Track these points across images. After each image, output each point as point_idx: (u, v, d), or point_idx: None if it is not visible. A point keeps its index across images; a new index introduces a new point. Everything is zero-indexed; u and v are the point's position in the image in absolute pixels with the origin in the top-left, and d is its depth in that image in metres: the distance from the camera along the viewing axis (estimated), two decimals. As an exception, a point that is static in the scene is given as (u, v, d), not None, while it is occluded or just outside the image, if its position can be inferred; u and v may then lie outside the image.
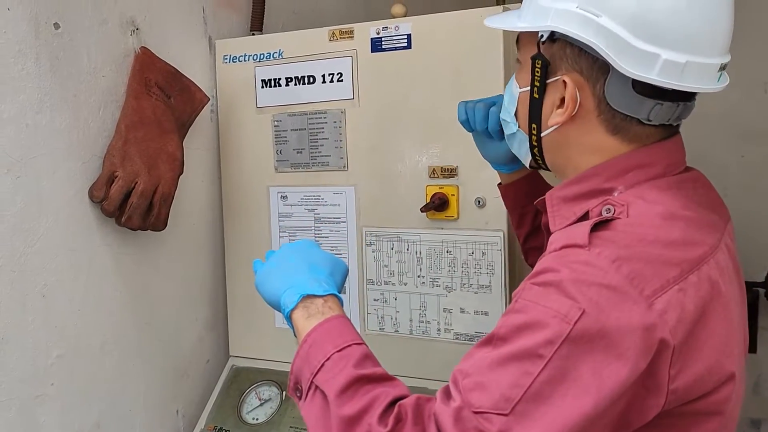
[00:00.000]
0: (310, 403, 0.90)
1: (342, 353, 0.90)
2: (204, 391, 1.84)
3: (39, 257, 1.40)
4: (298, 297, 0.99)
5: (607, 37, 0.88)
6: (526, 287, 0.85)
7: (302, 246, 1.11)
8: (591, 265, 0.82)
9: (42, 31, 1.39)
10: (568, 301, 0.79)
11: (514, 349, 0.79)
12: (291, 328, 1.01)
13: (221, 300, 1.89)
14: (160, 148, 1.57)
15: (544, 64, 0.95)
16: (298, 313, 0.98)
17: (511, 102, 1.05)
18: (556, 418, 0.76)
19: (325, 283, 1.02)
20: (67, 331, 1.46)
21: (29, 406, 1.39)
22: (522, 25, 0.97)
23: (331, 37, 1.66)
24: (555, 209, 1.00)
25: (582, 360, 0.77)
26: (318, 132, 1.70)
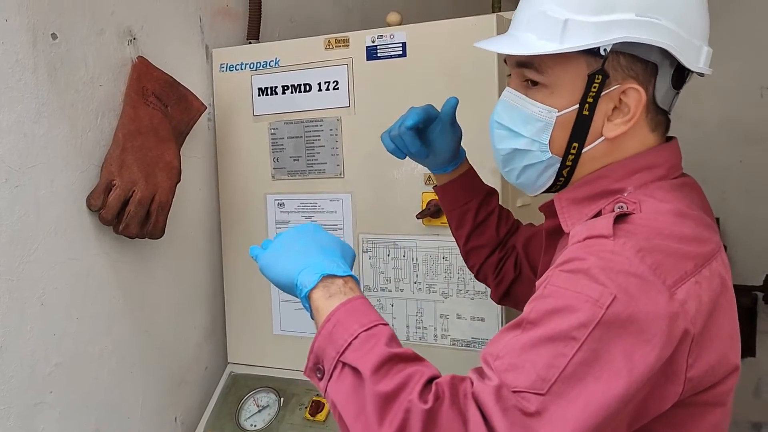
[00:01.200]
0: (337, 381, 0.87)
1: (369, 332, 0.88)
2: (202, 398, 1.84)
3: (37, 266, 1.41)
4: (318, 276, 0.96)
5: (671, 37, 0.94)
6: (553, 274, 0.87)
7: (309, 229, 1.08)
8: (617, 254, 0.84)
9: (40, 42, 1.40)
10: (598, 287, 0.81)
11: (548, 331, 0.81)
12: (307, 308, 0.98)
13: (219, 307, 1.90)
14: (158, 156, 1.58)
15: (604, 78, 0.95)
16: (318, 293, 0.95)
17: (543, 129, 0.99)
18: (590, 399, 0.78)
19: (342, 264, 1.00)
20: (65, 339, 1.47)
21: (28, 414, 1.40)
22: (578, 44, 0.94)
23: (327, 46, 1.67)
24: (565, 211, 1.02)
25: (614, 344, 0.79)
26: (314, 140, 1.71)
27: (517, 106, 1.01)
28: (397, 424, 0.78)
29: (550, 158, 1.01)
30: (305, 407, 1.68)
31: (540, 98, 0.99)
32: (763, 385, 3.11)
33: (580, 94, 0.96)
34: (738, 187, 3.13)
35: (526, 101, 1.00)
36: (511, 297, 1.39)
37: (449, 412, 0.79)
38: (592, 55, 0.94)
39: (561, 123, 0.98)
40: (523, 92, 1.01)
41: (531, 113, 1.00)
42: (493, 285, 1.40)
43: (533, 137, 1.00)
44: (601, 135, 0.98)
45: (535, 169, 1.03)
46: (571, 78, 0.96)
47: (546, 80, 0.98)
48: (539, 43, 0.96)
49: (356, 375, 0.85)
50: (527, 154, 1.02)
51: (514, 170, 1.05)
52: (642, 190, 0.96)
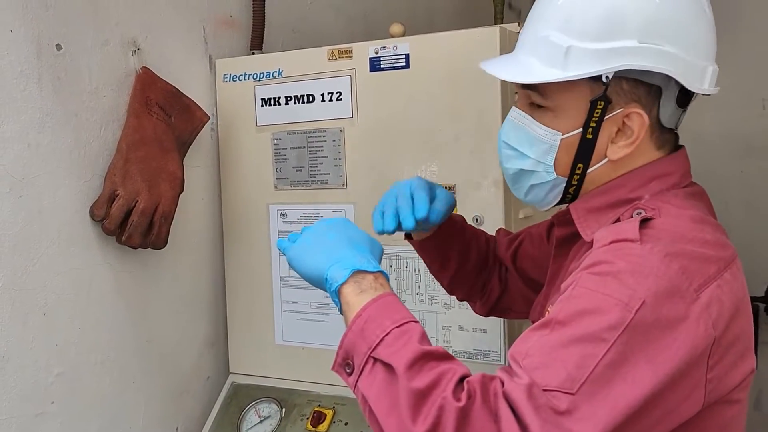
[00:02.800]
0: (369, 377, 0.87)
1: (402, 329, 0.88)
2: (204, 408, 1.84)
3: (40, 276, 1.41)
4: (349, 271, 0.96)
5: (674, 62, 0.95)
6: (581, 276, 0.88)
7: (339, 223, 1.08)
8: (644, 258, 0.86)
9: (44, 52, 1.41)
10: (628, 290, 0.83)
11: (578, 332, 0.82)
12: (337, 303, 0.97)
13: (221, 317, 1.90)
14: (161, 166, 1.59)
15: (606, 104, 0.96)
16: (349, 288, 0.95)
17: (548, 151, 1.01)
18: (618, 400, 0.79)
19: (373, 260, 1.00)
20: (67, 349, 1.47)
21: (30, 424, 1.39)
22: (580, 72, 0.95)
23: (330, 57, 1.68)
24: (582, 220, 1.03)
25: (640, 347, 0.81)
26: (317, 150, 1.71)
27: (524, 126, 1.03)
28: (431, 420, 0.79)
29: (556, 179, 1.02)
30: (307, 418, 1.68)
31: (545, 121, 1.00)
32: (764, 397, 3.10)
33: (583, 118, 0.98)
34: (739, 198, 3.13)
35: (532, 122, 1.02)
36: (498, 309, 1.39)
37: (481, 410, 0.79)
38: (595, 81, 0.96)
39: (565, 145, 1.00)
40: (528, 113, 1.02)
41: (536, 135, 1.01)
42: (479, 303, 1.40)
43: (538, 158, 1.02)
44: (605, 156, 1.00)
45: (541, 189, 1.04)
46: (575, 103, 0.98)
47: (550, 104, 1.00)
48: (542, 69, 0.98)
49: (389, 371, 0.85)
50: (533, 174, 1.04)
51: (522, 188, 1.07)
52: (658, 198, 0.98)
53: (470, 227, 1.37)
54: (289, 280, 1.77)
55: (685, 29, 0.97)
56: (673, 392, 0.83)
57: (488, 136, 1.52)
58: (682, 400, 0.85)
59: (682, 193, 1.00)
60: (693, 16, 0.98)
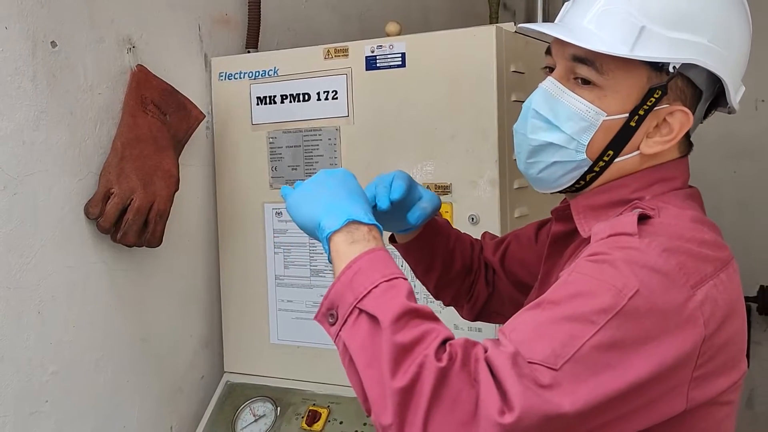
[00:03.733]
0: (353, 327, 0.86)
1: (390, 283, 0.87)
2: (198, 407, 1.84)
3: (35, 274, 1.40)
4: (343, 220, 0.94)
5: (728, 70, 0.96)
6: (578, 263, 0.88)
7: (340, 174, 1.05)
8: (642, 251, 0.86)
9: (39, 50, 1.40)
10: (623, 278, 0.82)
11: (568, 311, 0.81)
12: (327, 251, 0.95)
13: (216, 316, 1.90)
14: (156, 165, 1.58)
15: (662, 95, 0.95)
16: (341, 237, 0.93)
17: (586, 130, 0.97)
18: (601, 384, 0.79)
19: (369, 213, 0.97)
20: (62, 348, 1.47)
21: (24, 422, 1.39)
22: (652, 54, 0.93)
23: (326, 55, 1.67)
24: (581, 217, 1.02)
25: (630, 335, 0.80)
26: (313, 149, 1.71)
27: (561, 100, 0.98)
28: (409, 376, 0.78)
29: (583, 160, 0.99)
30: (302, 417, 1.68)
31: (590, 98, 0.96)
32: (756, 396, 3.12)
33: (633, 104, 0.95)
34: (732, 198, 3.14)
35: (573, 96, 0.97)
36: (485, 313, 1.37)
37: (460, 373, 0.79)
38: (656, 69, 0.94)
39: (605, 128, 0.97)
40: (568, 87, 0.98)
41: (577, 110, 0.97)
42: (466, 307, 1.37)
43: (573, 135, 0.98)
44: (637, 149, 0.98)
45: (563, 167, 1.01)
46: (629, 86, 0.95)
47: (602, 82, 0.96)
48: (612, 44, 0.94)
49: (373, 323, 0.84)
50: (560, 150, 0.99)
51: (539, 163, 1.02)
52: (659, 199, 0.97)
53: (455, 231, 1.35)
54: (284, 279, 1.77)
55: (740, 43, 0.98)
56: (656, 385, 0.83)
57: (484, 136, 1.52)
58: (663, 395, 0.84)
59: (682, 194, 1.00)
60: (747, 32, 0.99)
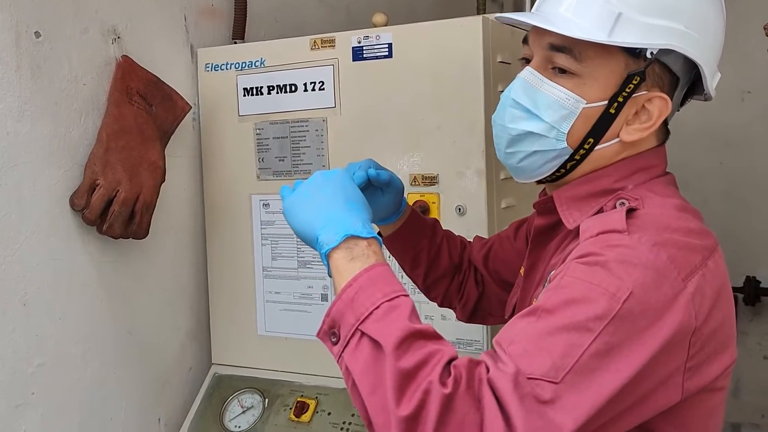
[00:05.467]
0: (355, 351, 0.85)
1: (392, 303, 0.86)
2: (186, 399, 1.83)
3: (19, 265, 1.40)
4: (341, 236, 0.92)
5: (704, 56, 0.97)
6: (570, 266, 0.87)
7: (337, 177, 1.02)
8: (632, 248, 0.86)
9: (23, 40, 1.39)
10: (616, 280, 0.82)
11: (564, 320, 0.81)
12: (326, 266, 0.94)
13: (203, 308, 1.89)
14: (142, 156, 1.57)
15: (641, 81, 0.95)
16: (340, 254, 0.92)
17: (566, 118, 0.97)
18: (601, 390, 0.79)
19: (367, 224, 0.96)
20: (48, 340, 1.46)
21: (10, 415, 1.38)
22: (629, 40, 0.93)
23: (313, 46, 1.67)
24: (565, 208, 1.02)
25: (627, 337, 0.81)
26: (300, 140, 1.70)
27: (540, 89, 0.98)
28: (414, 404, 0.78)
29: (564, 148, 0.98)
30: (290, 408, 1.68)
31: (569, 86, 0.96)
32: (742, 385, 3.14)
33: (612, 90, 0.95)
34: (718, 189, 3.15)
35: (551, 85, 0.97)
36: (478, 314, 1.38)
37: (465, 397, 0.78)
38: (634, 56, 0.94)
39: (585, 115, 0.96)
40: (546, 76, 0.98)
41: (557, 98, 0.97)
42: (458, 307, 1.38)
43: (553, 123, 0.97)
44: (617, 136, 0.98)
45: (543, 156, 1.00)
46: (607, 73, 0.95)
47: (581, 69, 0.95)
48: (589, 30, 0.94)
49: (376, 347, 0.83)
50: (541, 139, 0.99)
51: (519, 153, 1.02)
52: (641, 187, 0.98)
53: (445, 231, 1.36)
54: (271, 270, 1.77)
55: (714, 29, 0.98)
56: (650, 377, 0.83)
57: (471, 126, 1.52)
58: (657, 387, 0.85)
59: (662, 181, 1.01)
60: (721, 19, 1.00)
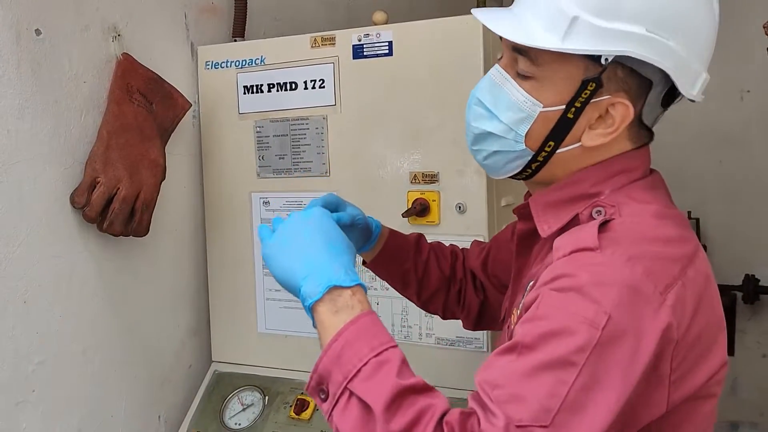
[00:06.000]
0: (344, 411, 0.83)
1: (380, 358, 0.83)
2: (186, 397, 1.83)
3: (20, 263, 1.39)
4: (324, 287, 0.90)
5: (674, 59, 0.91)
6: (543, 294, 0.84)
7: (315, 217, 0.99)
8: (606, 266, 0.83)
9: (23, 37, 1.39)
10: (592, 306, 0.80)
11: (546, 357, 0.79)
12: (311, 318, 0.92)
13: (204, 305, 1.89)
14: (142, 154, 1.57)
15: (597, 87, 0.91)
16: (324, 307, 0.89)
17: (523, 121, 0.95)
18: (593, 424, 0.77)
19: (350, 270, 0.93)
20: (48, 338, 1.46)
21: (10, 412, 1.38)
22: (581, 47, 0.89)
23: (313, 44, 1.67)
24: (541, 215, 0.99)
25: (610, 362, 0.79)
26: (300, 138, 1.71)
27: (502, 88, 0.97)
28: None
29: (523, 150, 0.97)
30: (290, 406, 1.68)
31: (527, 88, 0.94)
32: (739, 384, 3.15)
33: (569, 95, 0.92)
34: (717, 188, 3.16)
35: (513, 86, 0.95)
36: (483, 322, 1.36)
37: None
38: (592, 60, 0.90)
39: (543, 119, 0.94)
40: (512, 75, 0.96)
41: (515, 100, 0.95)
42: (462, 317, 1.36)
43: (511, 125, 0.96)
44: (579, 140, 0.95)
45: (504, 156, 0.99)
46: (564, 77, 0.92)
47: (538, 73, 0.93)
48: (540, 34, 0.91)
49: (365, 409, 0.81)
50: (500, 140, 0.98)
51: (482, 151, 1.01)
52: (619, 192, 0.95)
53: (431, 245, 1.34)
54: (271, 268, 1.77)
55: (693, 29, 0.92)
56: (635, 400, 0.81)
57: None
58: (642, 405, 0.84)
59: (642, 185, 0.97)
60: (703, 17, 0.93)
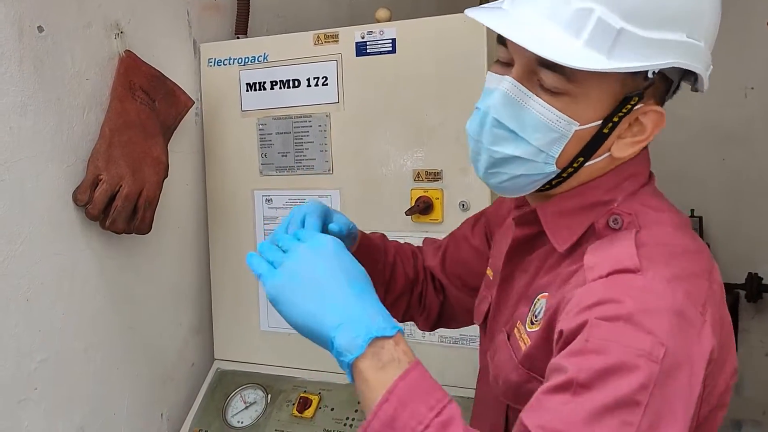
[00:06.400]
0: None
1: (441, 418, 0.74)
2: (189, 395, 1.83)
3: (23, 261, 1.39)
4: (365, 340, 0.78)
5: (704, 61, 0.87)
6: (591, 324, 0.77)
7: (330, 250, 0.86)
8: (650, 291, 0.79)
9: (26, 34, 1.39)
10: (648, 337, 0.75)
11: (607, 398, 0.73)
12: (347, 373, 0.80)
13: (206, 303, 1.89)
14: (145, 151, 1.57)
15: (640, 100, 0.85)
16: (367, 363, 0.78)
17: (556, 141, 0.86)
18: None
19: (386, 315, 0.81)
20: (51, 335, 1.46)
21: (13, 410, 1.38)
22: (632, 63, 0.81)
23: (316, 41, 1.66)
24: (552, 226, 0.93)
25: (671, 396, 0.75)
26: (303, 135, 1.70)
27: (526, 106, 0.86)
28: None
29: (552, 171, 0.89)
30: (293, 404, 1.68)
31: (560, 106, 0.84)
32: (743, 382, 3.13)
33: (606, 110, 0.85)
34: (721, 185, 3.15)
35: (539, 103, 0.85)
36: (443, 321, 1.29)
37: None
38: (632, 73, 0.83)
39: (577, 137, 0.86)
40: (532, 90, 0.85)
41: (546, 120, 0.85)
42: (421, 319, 1.28)
43: (541, 147, 0.86)
44: (608, 151, 0.89)
45: (528, 179, 0.90)
46: (602, 92, 0.84)
47: (572, 90, 0.84)
48: (581, 50, 0.81)
49: None
50: (527, 163, 0.88)
51: (502, 174, 0.91)
52: (632, 199, 0.91)
53: (393, 244, 1.25)
54: (274, 266, 1.77)
55: (713, 26, 0.87)
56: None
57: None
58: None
59: (649, 190, 0.93)
60: (718, 10, 0.88)
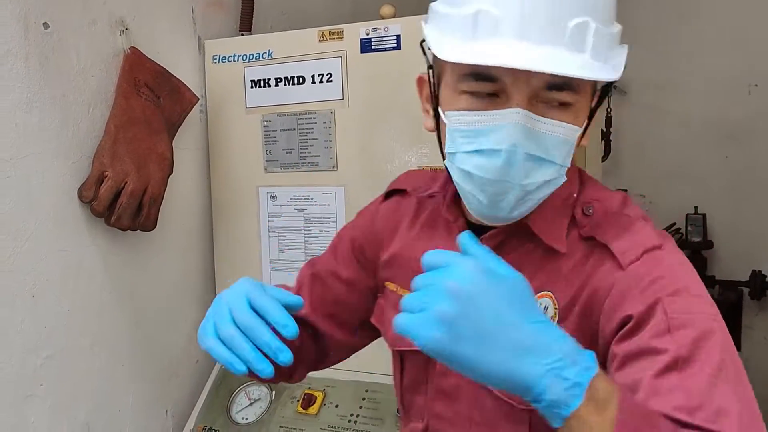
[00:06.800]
0: None
1: None
2: (193, 391, 1.83)
3: (28, 257, 1.39)
4: (582, 389, 0.69)
5: None
6: (663, 301, 0.80)
7: (511, 281, 0.73)
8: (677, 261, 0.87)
9: (31, 31, 1.39)
10: (706, 301, 0.83)
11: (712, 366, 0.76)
12: (558, 423, 0.70)
13: (211, 300, 1.86)
14: (150, 148, 1.57)
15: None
16: (588, 408, 0.68)
17: (570, 152, 0.87)
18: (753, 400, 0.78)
19: (579, 347, 0.72)
20: (56, 332, 1.46)
21: (19, 406, 1.39)
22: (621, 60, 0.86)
23: (321, 38, 1.66)
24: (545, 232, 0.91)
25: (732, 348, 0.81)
26: (307, 132, 1.70)
27: (540, 131, 0.83)
28: None
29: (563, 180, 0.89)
30: (297, 400, 1.68)
31: (569, 119, 0.84)
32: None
33: (590, 107, 0.89)
34: (723, 183, 3.15)
35: (552, 123, 0.83)
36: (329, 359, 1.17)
37: None
38: None
39: (575, 140, 0.87)
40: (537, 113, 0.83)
41: (561, 136, 0.84)
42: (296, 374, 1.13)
43: (562, 162, 0.86)
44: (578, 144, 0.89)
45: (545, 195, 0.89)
46: (590, 92, 0.88)
47: (577, 99, 0.85)
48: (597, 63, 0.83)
49: None
50: (553, 182, 0.87)
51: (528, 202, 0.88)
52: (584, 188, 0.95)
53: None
54: (278, 262, 1.77)
55: None
56: None
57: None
58: None
59: (584, 176, 0.98)
60: None
